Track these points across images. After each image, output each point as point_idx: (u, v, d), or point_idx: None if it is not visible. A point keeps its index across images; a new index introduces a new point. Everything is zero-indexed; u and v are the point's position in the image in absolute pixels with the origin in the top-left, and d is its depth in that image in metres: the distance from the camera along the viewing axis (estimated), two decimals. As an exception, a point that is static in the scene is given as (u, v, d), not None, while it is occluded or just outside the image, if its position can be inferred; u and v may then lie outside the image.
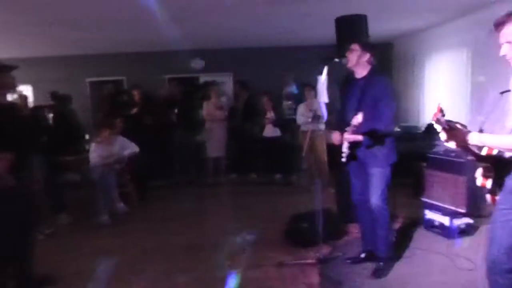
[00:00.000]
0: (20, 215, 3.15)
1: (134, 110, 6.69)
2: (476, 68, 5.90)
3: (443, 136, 2.08)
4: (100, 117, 7.74)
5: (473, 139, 2.04)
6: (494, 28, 2.07)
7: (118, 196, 5.60)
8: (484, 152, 2.18)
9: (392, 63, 8.72)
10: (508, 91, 2.14)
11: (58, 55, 8.55)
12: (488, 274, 2.18)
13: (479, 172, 2.24)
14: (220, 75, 8.82)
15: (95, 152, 5.25)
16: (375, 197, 3.29)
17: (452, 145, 2.09)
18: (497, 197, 2.17)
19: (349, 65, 3.34)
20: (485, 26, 2.14)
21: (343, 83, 3.53)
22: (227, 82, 8.82)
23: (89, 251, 4.25)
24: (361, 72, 3.34)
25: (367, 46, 3.34)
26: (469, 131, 2.07)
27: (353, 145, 3.28)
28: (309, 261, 3.58)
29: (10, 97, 3.33)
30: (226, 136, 7.01)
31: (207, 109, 6.82)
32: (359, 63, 3.30)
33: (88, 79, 9.02)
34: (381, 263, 3.41)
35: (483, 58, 5.51)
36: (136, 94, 6.79)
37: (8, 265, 3.24)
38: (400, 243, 3.95)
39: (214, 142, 6.85)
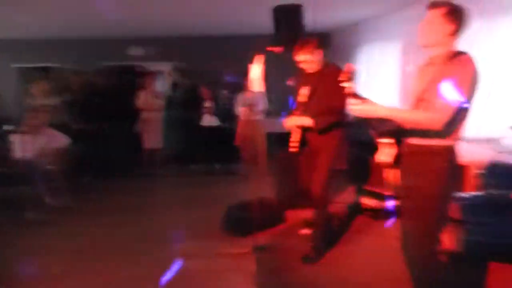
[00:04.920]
0: None
1: (69, 99, 6.30)
2: (405, 60, 6.18)
3: (352, 101, 2.17)
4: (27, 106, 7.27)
5: (378, 110, 2.14)
6: (427, 7, 2.17)
7: (48, 191, 5.27)
8: (385, 128, 2.30)
9: (329, 54, 8.92)
10: None
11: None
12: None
13: (382, 150, 2.34)
14: (158, 64, 8.60)
15: (20, 144, 4.91)
16: (318, 184, 3.38)
17: (358, 111, 2.16)
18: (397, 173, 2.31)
19: (309, 70, 3.39)
20: (414, 21, 2.22)
21: (297, 76, 3.57)
22: (165, 71, 8.60)
23: (18, 251, 3.96)
24: (314, 67, 3.39)
25: (319, 42, 3.36)
26: (378, 104, 2.16)
27: (303, 133, 3.38)
28: (246, 250, 3.60)
29: None
30: (162, 126, 6.83)
31: (143, 98, 6.60)
32: (313, 63, 3.36)
33: (15, 65, 8.41)
34: (314, 250, 3.50)
35: (412, 52, 5.77)
36: (75, 81, 6.37)
37: None
38: (337, 228, 4.08)
39: (151, 132, 6.65)
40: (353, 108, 2.17)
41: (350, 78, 2.17)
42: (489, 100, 3.93)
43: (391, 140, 2.30)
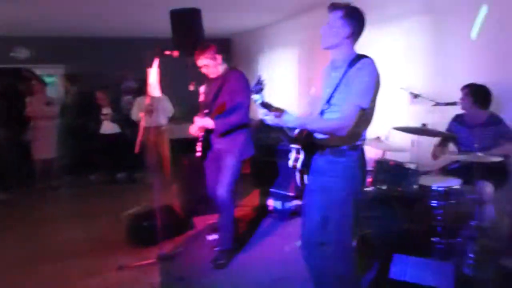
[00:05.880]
0: None
1: None
2: (303, 66, 6.51)
3: (262, 110, 2.16)
4: None
5: (289, 120, 2.14)
6: (328, 9, 2.23)
7: None
8: (295, 133, 2.38)
9: (230, 59, 9.05)
10: None
11: None
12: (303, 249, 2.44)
13: (291, 154, 2.41)
14: (49, 67, 7.95)
15: None
16: (222, 188, 3.39)
17: (270, 121, 2.17)
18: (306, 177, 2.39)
19: (211, 75, 3.42)
20: (312, 28, 2.31)
21: (199, 80, 3.57)
22: (59, 75, 7.97)
23: None
24: (216, 72, 3.41)
25: (219, 47, 3.40)
26: (286, 112, 2.18)
27: (207, 137, 3.43)
28: (150, 260, 3.49)
29: None
30: (56, 135, 6.32)
31: (32, 105, 6.04)
32: (214, 67, 3.39)
33: None
34: (222, 254, 3.52)
35: (310, 57, 6.10)
36: None
37: None
38: (242, 231, 4.14)
39: (42, 142, 6.11)
40: (265, 118, 2.17)
41: (260, 89, 2.17)
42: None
43: (299, 144, 2.35)
